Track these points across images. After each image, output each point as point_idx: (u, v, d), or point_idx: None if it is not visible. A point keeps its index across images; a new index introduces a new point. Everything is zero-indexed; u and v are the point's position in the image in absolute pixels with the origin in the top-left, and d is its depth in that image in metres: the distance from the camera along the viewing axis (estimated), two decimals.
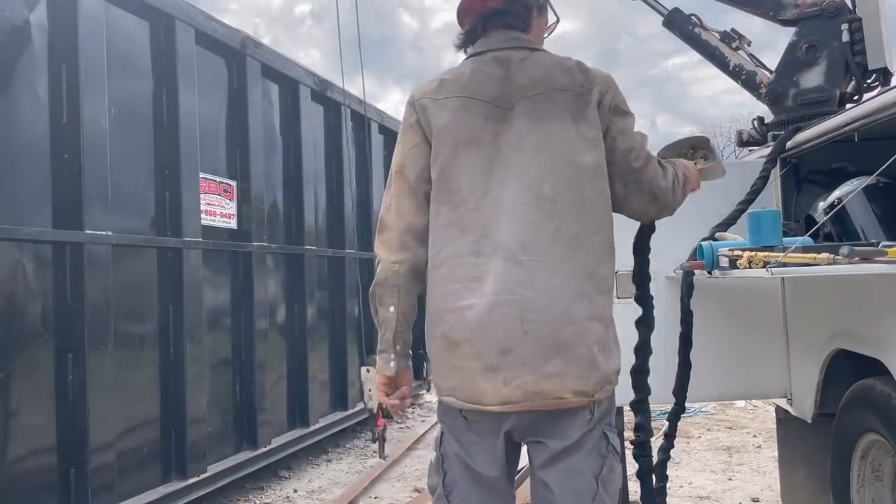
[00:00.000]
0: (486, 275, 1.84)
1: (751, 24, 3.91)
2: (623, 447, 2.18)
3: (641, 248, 2.33)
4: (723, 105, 68.12)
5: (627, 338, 3.29)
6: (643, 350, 2.38)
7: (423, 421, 7.85)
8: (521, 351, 1.80)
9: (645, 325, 2.37)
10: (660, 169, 2.04)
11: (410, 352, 2.02)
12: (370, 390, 5.34)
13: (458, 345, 1.85)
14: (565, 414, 1.86)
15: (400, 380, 2.01)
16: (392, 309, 1.95)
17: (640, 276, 2.35)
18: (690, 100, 70.94)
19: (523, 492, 4.91)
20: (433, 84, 2.04)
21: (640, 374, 2.38)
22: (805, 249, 2.23)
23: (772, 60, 3.66)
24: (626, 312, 3.29)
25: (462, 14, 2.10)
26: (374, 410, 5.30)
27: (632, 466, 4.15)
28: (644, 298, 2.36)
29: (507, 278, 1.83)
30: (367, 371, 5.38)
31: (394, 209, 1.99)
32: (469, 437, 1.92)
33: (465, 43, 2.12)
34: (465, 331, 1.84)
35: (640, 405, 2.42)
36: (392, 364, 1.97)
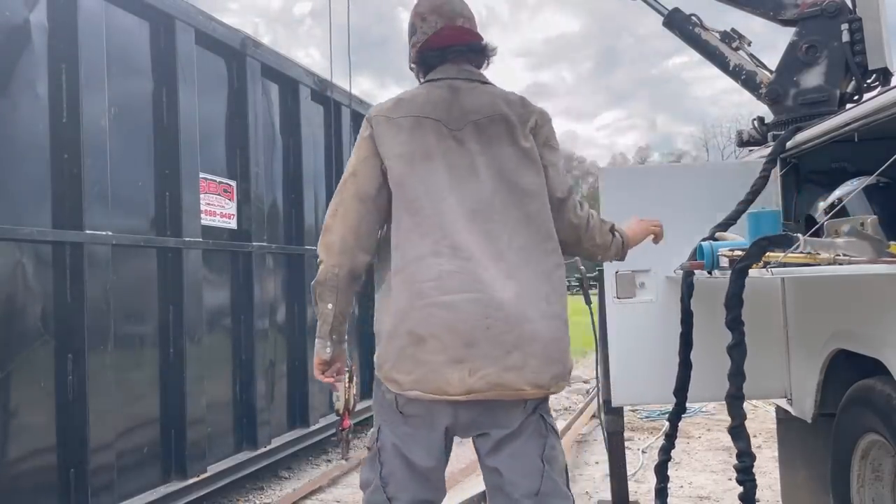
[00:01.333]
0: (449, 274, 2.00)
1: (751, 25, 3.90)
2: (623, 444, 2.22)
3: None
4: (723, 105, 68.05)
5: (622, 336, 3.31)
6: (738, 376, 2.39)
7: None
8: (484, 345, 1.97)
9: (737, 351, 2.38)
10: (577, 204, 2.27)
11: (346, 339, 2.24)
12: (338, 391, 5.41)
13: (424, 340, 1.98)
14: (504, 405, 2.05)
15: (335, 361, 2.25)
16: (330, 306, 2.15)
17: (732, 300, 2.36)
18: (691, 99, 70.92)
19: None
20: (390, 103, 2.21)
21: (736, 399, 2.42)
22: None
23: (772, 60, 3.66)
24: (626, 312, 3.31)
25: (434, 40, 2.24)
26: (340, 411, 5.37)
27: (631, 466, 4.15)
28: (735, 324, 2.38)
29: (470, 278, 2.00)
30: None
31: (340, 214, 2.15)
32: (405, 430, 2.09)
33: (425, 69, 2.30)
34: (432, 326, 1.98)
35: (739, 431, 2.43)
36: (328, 350, 2.21)
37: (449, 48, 2.26)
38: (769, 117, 3.60)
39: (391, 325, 2.04)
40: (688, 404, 2.99)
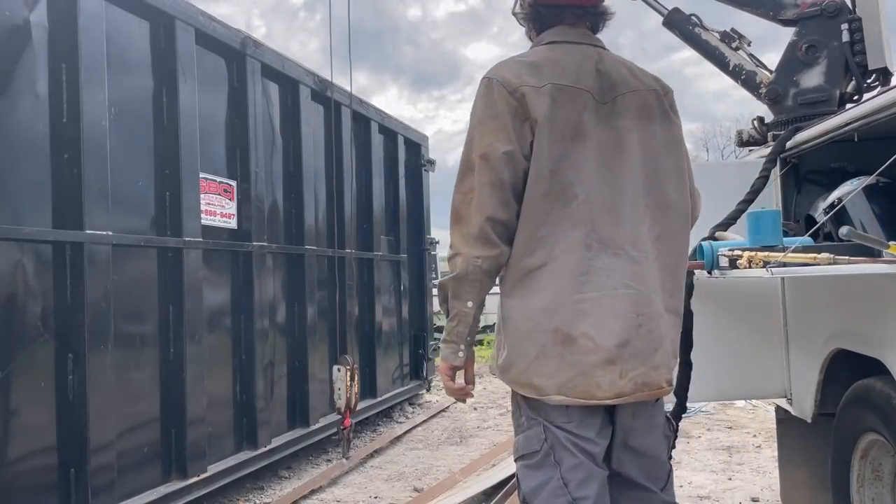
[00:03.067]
0: (597, 269, 1.86)
1: (751, 25, 3.91)
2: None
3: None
4: (730, 102, 67.76)
5: None
6: None
7: (423, 421, 7.85)
8: (637, 343, 1.87)
9: None
10: (697, 190, 2.23)
11: (476, 341, 2.06)
12: (339, 389, 5.44)
13: (573, 339, 1.84)
14: (642, 404, 1.96)
15: (466, 368, 2.02)
16: (470, 304, 1.92)
17: None
18: (694, 96, 70.73)
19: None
20: (523, 67, 1.94)
21: None
22: (805, 249, 2.23)
23: (772, 60, 3.67)
24: None
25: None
26: (342, 410, 5.40)
27: None
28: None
29: (620, 272, 1.87)
30: (339, 370, 5.49)
31: (475, 201, 1.90)
32: (568, 423, 1.90)
33: (539, 26, 2.09)
34: (583, 325, 1.84)
35: None
36: (461, 354, 1.96)
37: (568, 7, 2.04)
38: (769, 117, 3.60)
39: (531, 323, 1.88)
40: (688, 404, 2.99)
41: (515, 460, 1.99)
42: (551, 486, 1.88)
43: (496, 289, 1.99)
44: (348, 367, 5.46)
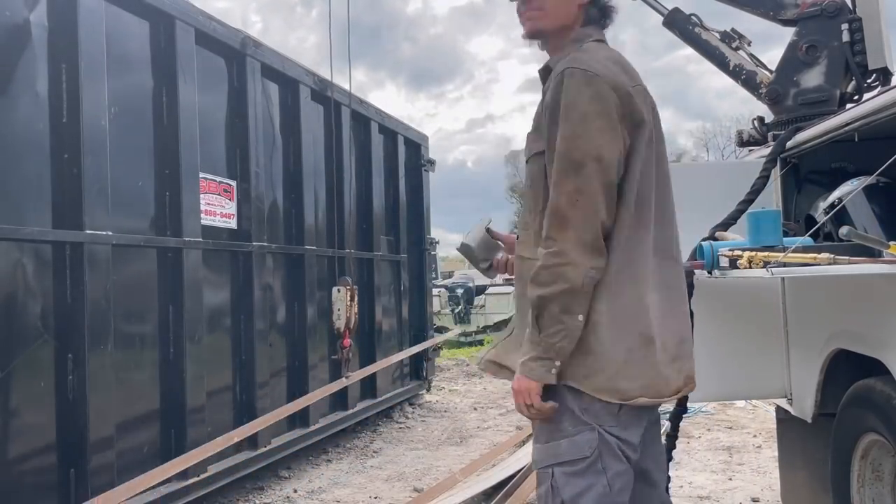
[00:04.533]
0: (661, 272, 1.94)
1: (751, 25, 3.91)
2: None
3: None
4: (733, 100, 67.56)
5: None
6: None
7: (423, 421, 7.85)
8: (689, 340, 2.00)
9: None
10: None
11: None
12: (339, 310, 5.64)
13: (652, 341, 1.88)
14: None
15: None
16: (581, 318, 1.82)
17: None
18: (697, 93, 70.47)
19: (532, 481, 4.91)
20: (611, 64, 1.91)
21: None
22: (805, 249, 2.23)
23: (772, 60, 3.67)
24: None
25: None
26: (341, 330, 5.54)
27: None
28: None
29: (670, 273, 1.97)
30: (338, 291, 5.67)
31: (586, 204, 1.81)
32: (619, 429, 1.89)
33: (584, 20, 2.04)
34: (655, 327, 1.89)
35: None
36: (554, 372, 1.84)
37: (612, 11, 2.07)
38: (769, 117, 3.60)
39: (617, 328, 1.85)
40: (688, 404, 2.99)
41: (548, 466, 1.90)
42: (596, 493, 1.85)
43: (498, 289, 1.98)
44: (348, 287, 5.56)
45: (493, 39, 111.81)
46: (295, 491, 5.28)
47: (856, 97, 3.39)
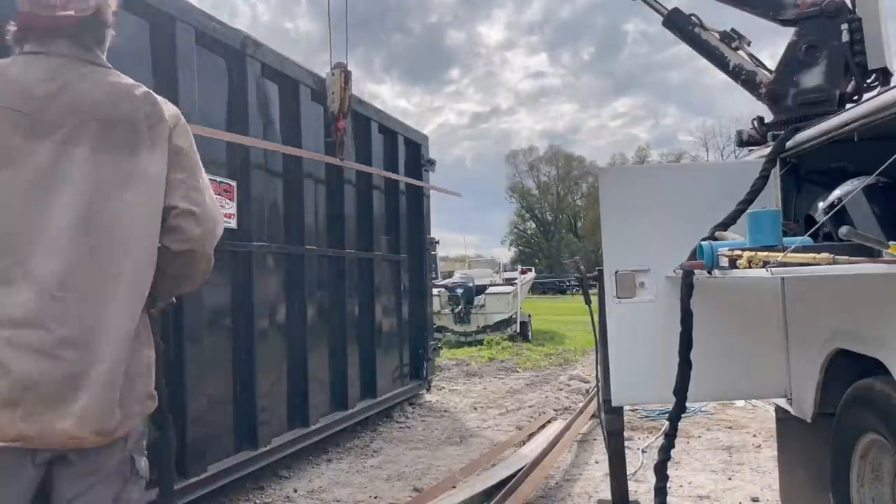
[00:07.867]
0: (14, 306, 1.68)
1: (751, 25, 3.91)
2: (623, 444, 2.19)
3: None
4: (737, 96, 67.32)
5: (622, 336, 3.31)
6: None
7: (422, 420, 7.86)
8: (45, 388, 1.68)
9: None
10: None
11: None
12: (333, 93, 5.80)
13: None
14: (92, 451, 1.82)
15: None
16: None
17: None
18: (702, 89, 70.26)
19: (532, 481, 4.91)
20: None
21: None
22: (805, 249, 2.24)
23: (772, 59, 3.67)
24: (626, 312, 3.31)
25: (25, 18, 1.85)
26: (335, 112, 5.62)
27: (631, 466, 4.17)
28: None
29: (39, 312, 1.69)
30: (332, 74, 5.80)
31: None
32: None
33: (19, 40, 1.87)
34: None
35: None
36: None
37: (50, 30, 1.86)
38: (769, 117, 3.61)
39: None
40: (688, 404, 3.00)
41: None
42: None
43: (498, 289, 1.95)
44: (342, 70, 5.65)
45: (497, 29, 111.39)
46: (295, 490, 5.29)
47: (855, 97, 3.40)
